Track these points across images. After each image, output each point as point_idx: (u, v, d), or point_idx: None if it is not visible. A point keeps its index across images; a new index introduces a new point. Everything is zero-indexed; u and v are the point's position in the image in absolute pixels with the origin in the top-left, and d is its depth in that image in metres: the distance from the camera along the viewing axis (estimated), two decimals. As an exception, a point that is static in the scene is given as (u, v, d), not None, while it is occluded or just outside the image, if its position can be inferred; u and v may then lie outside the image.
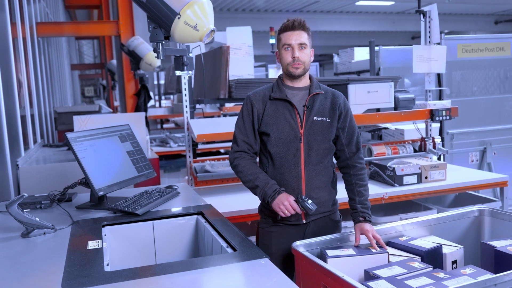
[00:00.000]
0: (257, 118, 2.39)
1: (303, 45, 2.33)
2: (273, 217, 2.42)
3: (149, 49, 6.12)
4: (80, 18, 17.26)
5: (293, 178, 2.37)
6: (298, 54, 2.33)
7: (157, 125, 9.12)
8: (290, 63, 2.34)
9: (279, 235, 2.42)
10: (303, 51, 2.34)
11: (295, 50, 2.33)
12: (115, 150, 2.74)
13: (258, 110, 2.39)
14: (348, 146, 2.43)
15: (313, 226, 2.42)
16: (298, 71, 2.35)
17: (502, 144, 5.53)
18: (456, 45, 5.44)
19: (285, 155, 2.36)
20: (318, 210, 2.37)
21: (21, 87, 4.73)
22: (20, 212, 2.11)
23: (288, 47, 2.34)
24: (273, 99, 2.39)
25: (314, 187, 2.37)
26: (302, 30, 2.34)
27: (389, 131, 5.11)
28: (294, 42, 2.32)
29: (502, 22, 19.22)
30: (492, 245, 2.22)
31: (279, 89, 2.41)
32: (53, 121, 7.18)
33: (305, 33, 2.35)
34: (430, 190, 3.52)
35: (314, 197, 2.35)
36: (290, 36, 2.33)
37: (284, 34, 2.36)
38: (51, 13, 9.67)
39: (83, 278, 1.63)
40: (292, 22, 2.35)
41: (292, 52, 2.33)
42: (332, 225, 2.48)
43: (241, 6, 15.05)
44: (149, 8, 2.49)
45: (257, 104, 2.40)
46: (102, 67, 15.36)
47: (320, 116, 2.36)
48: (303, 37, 2.34)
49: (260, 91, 2.45)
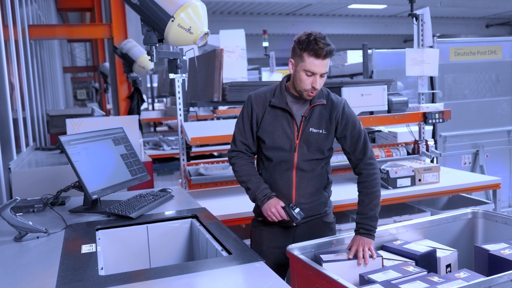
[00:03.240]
0: (255, 122, 2.39)
1: (324, 74, 2.25)
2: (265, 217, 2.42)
3: (142, 52, 6.10)
4: (72, 20, 17.19)
5: (284, 183, 2.38)
6: (319, 84, 2.24)
7: (150, 128, 9.08)
8: (308, 90, 2.25)
9: (270, 235, 2.46)
10: (322, 79, 2.25)
11: (317, 80, 2.22)
12: (109, 153, 2.73)
13: (257, 114, 2.38)
14: (353, 154, 2.38)
15: (304, 227, 2.43)
16: (311, 97, 2.30)
17: (494, 146, 5.57)
18: (448, 48, 5.47)
19: (279, 161, 2.36)
20: (309, 213, 2.39)
21: (13, 90, 4.69)
22: (13, 216, 2.09)
23: (310, 74, 2.22)
24: (272, 106, 2.36)
25: (304, 193, 2.37)
26: (329, 58, 2.22)
27: (383, 134, 5.13)
28: (319, 71, 2.21)
29: (493, 26, 19.38)
30: (486, 248, 2.23)
31: (281, 95, 2.35)
32: (45, 124, 7.13)
33: (330, 60, 2.24)
34: (423, 192, 3.53)
35: (304, 203, 2.36)
36: (317, 65, 2.20)
37: (310, 58, 2.19)
38: (43, 16, 9.63)
39: (77, 283, 1.62)
40: (320, 50, 2.17)
41: (313, 81, 2.23)
42: (324, 227, 2.48)
43: (234, 9, 15.06)
44: (143, 11, 2.48)
45: (257, 108, 2.38)
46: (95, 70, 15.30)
47: (316, 128, 2.33)
48: (327, 66, 2.24)
49: (262, 94, 2.41)
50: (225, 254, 1.94)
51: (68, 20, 16.89)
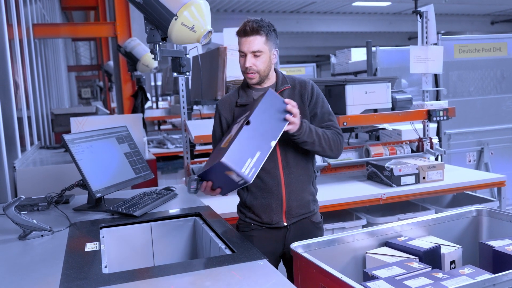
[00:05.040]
0: (226, 127, 2.31)
1: (258, 52, 2.17)
2: (254, 219, 2.36)
3: (146, 51, 6.12)
4: (76, 19, 17.24)
5: (272, 182, 2.29)
6: (250, 63, 2.17)
7: (154, 127, 9.11)
8: (244, 71, 2.21)
9: (260, 239, 2.35)
10: (258, 58, 2.18)
11: (247, 59, 2.17)
12: (113, 152, 2.74)
13: (226, 118, 2.31)
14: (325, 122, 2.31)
15: (294, 229, 2.36)
16: (253, 81, 2.23)
17: (499, 144, 5.54)
18: (453, 45, 5.45)
19: None
20: (300, 211, 2.34)
21: (18, 89, 4.71)
22: (18, 215, 2.10)
23: (243, 55, 2.19)
24: (240, 106, 2.29)
25: (294, 189, 2.31)
26: (256, 35, 2.15)
27: (387, 132, 5.12)
28: (247, 50, 2.16)
29: (498, 23, 19.27)
30: (490, 245, 2.22)
31: (245, 93, 2.30)
32: (50, 122, 7.17)
33: (260, 37, 2.16)
34: (428, 190, 3.52)
35: (295, 200, 2.31)
36: (242, 42, 2.17)
37: (239, 39, 2.19)
38: (48, 15, 9.66)
39: (81, 281, 1.62)
40: (244, 27, 2.16)
41: (245, 61, 2.18)
42: (313, 227, 2.42)
43: (238, 7, 15.05)
44: (146, 9, 2.48)
45: (224, 113, 2.32)
46: (99, 69, 15.35)
47: None
48: (257, 43, 2.16)
49: (227, 98, 2.35)
50: (228, 252, 1.94)
51: (73, 19, 16.94)
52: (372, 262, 2.19)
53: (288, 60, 22.61)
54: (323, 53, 22.44)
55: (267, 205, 2.31)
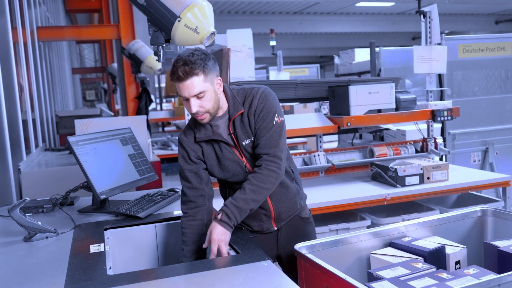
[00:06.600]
0: (197, 159, 2.18)
1: (200, 94, 1.98)
2: (245, 226, 2.33)
3: (150, 52, 6.13)
4: (80, 22, 17.29)
5: None
6: (196, 107, 2.00)
7: (158, 128, 9.12)
8: (194, 114, 2.05)
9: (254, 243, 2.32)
10: (202, 99, 2.00)
11: (192, 103, 1.99)
12: (117, 154, 2.74)
13: (196, 153, 2.17)
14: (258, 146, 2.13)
15: (285, 228, 2.35)
16: (205, 121, 2.08)
17: (504, 144, 5.52)
18: (456, 45, 5.43)
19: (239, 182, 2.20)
20: (288, 214, 2.32)
21: (23, 92, 4.73)
22: (22, 216, 2.11)
23: (185, 99, 2.01)
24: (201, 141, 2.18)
25: (279, 197, 2.27)
26: (192, 76, 1.95)
27: (391, 132, 5.11)
28: (188, 95, 1.98)
29: (503, 22, 19.22)
30: (495, 245, 2.21)
31: (203, 126, 2.14)
32: (54, 125, 7.19)
33: (197, 77, 1.96)
34: (432, 190, 3.51)
35: (282, 206, 2.28)
36: (180, 88, 1.98)
37: (176, 84, 2.00)
38: (52, 17, 9.69)
39: (85, 282, 1.63)
40: (176, 73, 1.95)
41: (189, 105, 2.00)
42: (303, 223, 2.40)
43: (241, 8, 15.06)
44: (149, 11, 2.49)
45: (193, 152, 2.16)
46: (103, 71, 15.37)
47: (246, 137, 2.15)
48: (196, 85, 1.96)
49: (188, 134, 2.18)
50: (232, 253, 1.94)
51: (77, 21, 16.99)
52: (377, 263, 2.19)
53: (292, 61, 22.63)
54: (326, 54, 22.41)
55: (256, 216, 2.27)
